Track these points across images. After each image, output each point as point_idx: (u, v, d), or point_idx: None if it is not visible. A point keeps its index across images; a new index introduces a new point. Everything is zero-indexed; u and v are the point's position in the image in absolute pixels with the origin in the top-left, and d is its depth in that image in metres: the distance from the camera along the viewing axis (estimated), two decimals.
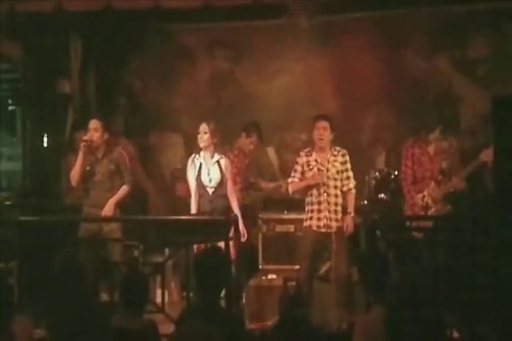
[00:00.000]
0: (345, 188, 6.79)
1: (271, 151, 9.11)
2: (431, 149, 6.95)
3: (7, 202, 8.21)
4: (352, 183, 6.83)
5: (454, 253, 6.00)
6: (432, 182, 6.87)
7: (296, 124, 8.94)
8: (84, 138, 6.92)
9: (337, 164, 6.80)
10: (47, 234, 6.72)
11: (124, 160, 7.07)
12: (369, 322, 4.61)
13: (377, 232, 6.75)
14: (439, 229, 6.47)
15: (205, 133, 6.99)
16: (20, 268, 6.78)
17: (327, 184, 6.74)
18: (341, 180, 6.79)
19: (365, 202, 8.09)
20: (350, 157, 6.88)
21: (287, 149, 8.93)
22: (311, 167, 6.82)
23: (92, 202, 6.98)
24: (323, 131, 6.77)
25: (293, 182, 6.89)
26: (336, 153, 6.83)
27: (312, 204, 6.78)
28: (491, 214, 4.73)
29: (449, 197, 6.89)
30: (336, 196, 6.76)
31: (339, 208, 6.75)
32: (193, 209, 7.01)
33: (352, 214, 6.76)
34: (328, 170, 6.76)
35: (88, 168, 6.95)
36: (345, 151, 6.86)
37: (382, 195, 7.99)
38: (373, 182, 8.14)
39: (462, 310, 5.52)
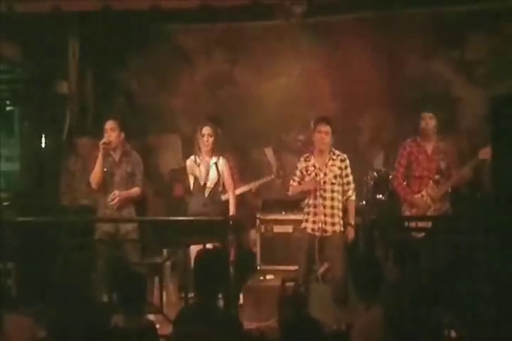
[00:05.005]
0: (345, 196, 6.79)
1: (269, 152, 9.10)
2: (429, 148, 6.96)
3: (5, 203, 8.20)
4: (352, 190, 6.81)
5: (453, 253, 5.99)
6: (431, 181, 6.87)
7: (294, 125, 8.93)
8: (103, 140, 6.93)
9: (335, 168, 6.77)
10: (44, 234, 6.71)
11: (139, 163, 7.11)
12: (367, 323, 4.61)
13: (376, 233, 6.75)
14: (437, 229, 6.47)
15: (210, 136, 6.98)
16: (18, 268, 6.77)
17: (323, 188, 6.72)
18: (341, 185, 6.77)
19: (364, 202, 8.09)
20: (348, 158, 6.84)
21: (286, 150, 8.91)
22: (309, 172, 6.81)
23: (108, 203, 6.98)
24: (325, 136, 6.73)
25: (292, 186, 6.90)
26: (334, 157, 6.80)
27: (309, 206, 6.79)
28: (490, 213, 4.73)
29: (447, 196, 6.89)
30: (332, 199, 6.73)
31: (336, 211, 6.73)
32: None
33: (353, 225, 6.75)
34: (325, 174, 6.75)
35: (105, 169, 6.95)
36: (345, 156, 6.82)
37: (381, 196, 7.99)
38: (371, 182, 8.14)
39: (461, 310, 5.51)
